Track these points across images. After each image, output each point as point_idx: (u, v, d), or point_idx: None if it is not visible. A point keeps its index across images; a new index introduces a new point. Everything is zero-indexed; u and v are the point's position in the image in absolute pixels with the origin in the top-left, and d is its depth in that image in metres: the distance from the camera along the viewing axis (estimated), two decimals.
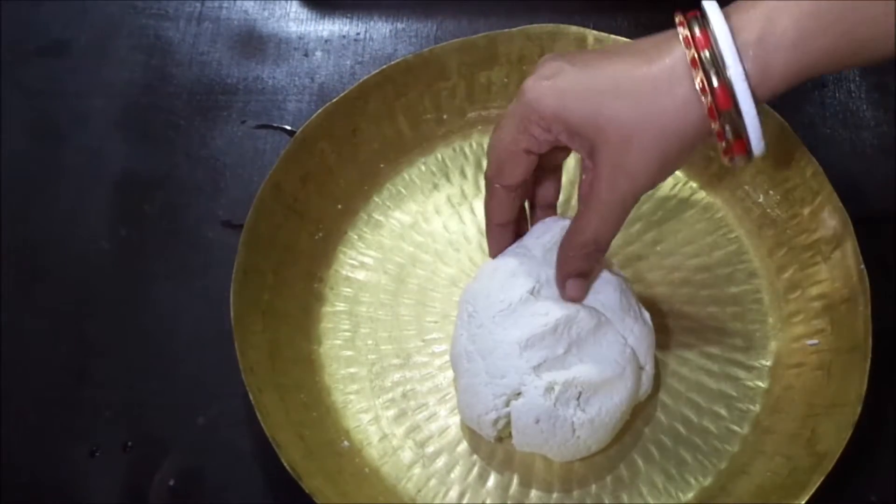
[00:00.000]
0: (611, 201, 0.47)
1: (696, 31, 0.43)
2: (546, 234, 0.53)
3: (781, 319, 0.57)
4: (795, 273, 0.58)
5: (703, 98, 0.42)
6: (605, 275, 0.53)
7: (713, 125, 0.43)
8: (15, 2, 0.71)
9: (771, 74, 0.42)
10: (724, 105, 0.42)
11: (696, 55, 0.42)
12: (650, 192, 0.61)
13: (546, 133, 0.47)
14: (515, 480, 0.53)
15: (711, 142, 0.45)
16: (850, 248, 0.55)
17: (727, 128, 0.43)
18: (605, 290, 0.53)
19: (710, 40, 0.42)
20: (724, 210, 0.61)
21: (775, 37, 0.42)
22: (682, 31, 0.43)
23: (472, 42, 0.62)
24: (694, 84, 0.43)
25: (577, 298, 0.51)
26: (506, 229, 0.53)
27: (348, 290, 0.59)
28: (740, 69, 0.42)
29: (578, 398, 0.50)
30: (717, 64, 0.42)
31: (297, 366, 0.56)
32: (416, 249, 0.61)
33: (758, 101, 0.43)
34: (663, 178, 0.46)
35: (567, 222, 0.52)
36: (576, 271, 0.51)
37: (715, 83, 0.42)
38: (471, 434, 0.54)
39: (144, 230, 0.63)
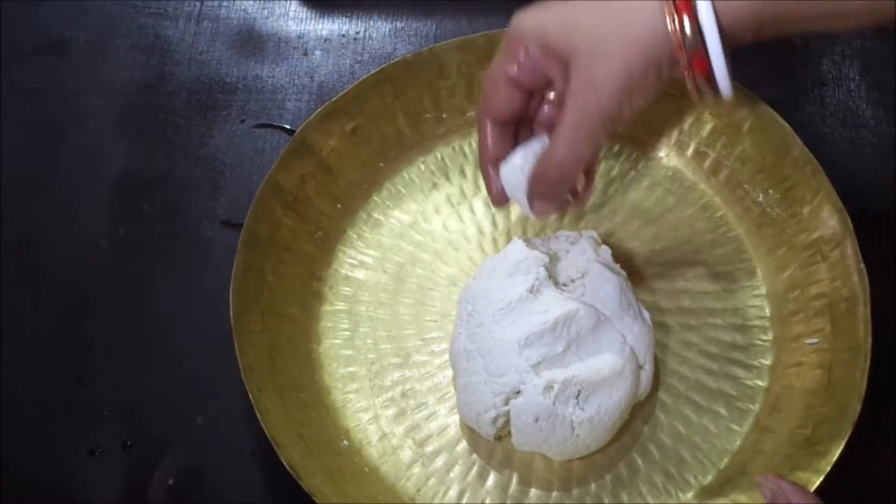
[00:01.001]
0: (576, 120, 0.46)
1: None
2: (514, 156, 0.51)
3: (781, 318, 0.57)
4: (795, 272, 0.57)
5: (665, 6, 0.44)
6: (604, 273, 0.53)
7: (670, 25, 0.44)
8: (14, 1, 0.71)
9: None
10: (682, 8, 0.43)
11: None
12: (645, 184, 0.61)
13: (527, 58, 0.48)
14: (515, 479, 0.53)
15: (677, 71, 0.45)
16: (850, 246, 0.55)
17: (686, 35, 0.43)
18: (604, 288, 0.53)
19: None
20: (724, 209, 0.61)
21: None
22: None
23: (472, 41, 0.62)
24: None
25: (542, 214, 0.51)
26: (494, 163, 0.52)
27: (348, 289, 0.59)
28: None
29: (577, 397, 0.50)
30: None
31: (297, 365, 0.56)
32: (416, 248, 0.61)
33: (719, 18, 0.43)
34: (628, 98, 0.46)
35: (535, 141, 0.51)
36: (545, 197, 0.50)
37: None
38: (470, 433, 0.54)
39: (144, 229, 0.63)
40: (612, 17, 0.45)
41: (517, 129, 0.52)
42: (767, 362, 0.56)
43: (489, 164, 0.52)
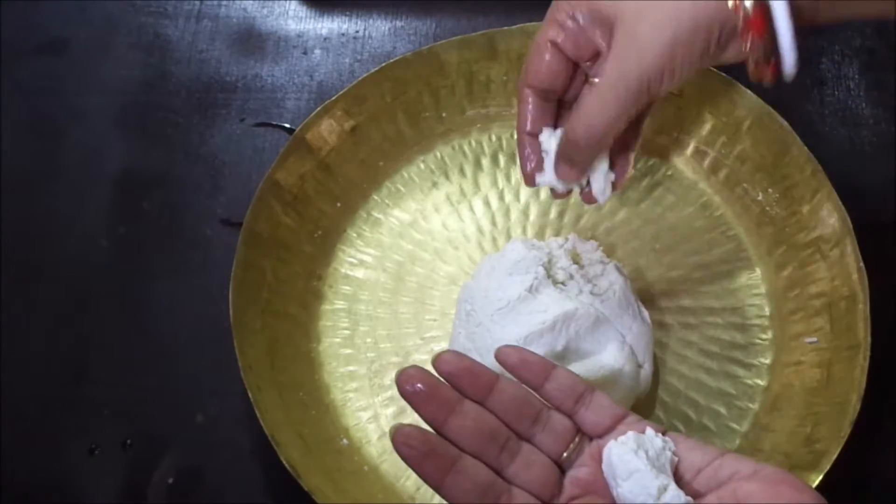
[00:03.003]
0: (613, 80, 0.45)
1: None
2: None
3: (780, 317, 0.57)
4: (794, 271, 0.57)
5: None
6: (603, 272, 0.53)
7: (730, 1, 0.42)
8: (14, 1, 0.71)
9: None
10: None
11: None
12: (644, 183, 0.61)
13: (572, 22, 0.47)
14: None
15: (724, 41, 0.43)
16: (850, 245, 0.55)
17: (746, 4, 0.41)
18: (603, 287, 0.53)
19: None
20: (723, 208, 0.61)
21: None
22: None
23: (471, 40, 0.62)
24: None
25: (566, 178, 0.50)
26: (536, 141, 0.51)
27: (347, 288, 0.59)
28: None
29: None
30: None
31: (296, 364, 0.56)
32: (415, 247, 0.61)
33: None
34: (671, 63, 0.43)
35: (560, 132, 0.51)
36: (569, 160, 0.49)
37: None
38: None
39: (143, 228, 0.63)
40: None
41: (559, 111, 0.51)
42: (767, 361, 0.56)
43: (526, 137, 0.50)
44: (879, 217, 0.60)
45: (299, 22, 0.70)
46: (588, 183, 0.51)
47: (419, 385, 0.40)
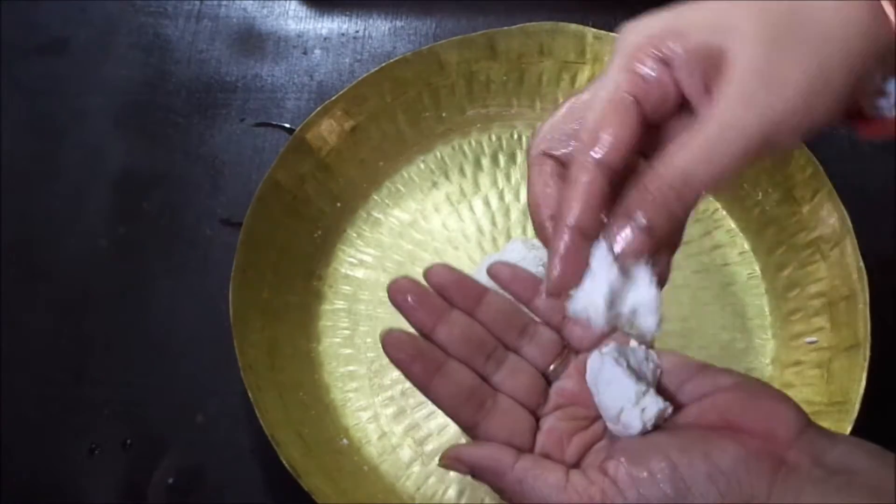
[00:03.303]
0: (728, 121, 0.34)
1: None
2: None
3: (781, 317, 0.57)
4: (795, 271, 0.57)
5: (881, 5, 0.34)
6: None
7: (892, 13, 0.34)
8: (14, 1, 0.71)
9: None
10: None
11: None
12: None
13: (657, 63, 0.36)
14: None
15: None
16: (850, 245, 0.55)
17: None
18: None
19: None
20: (723, 208, 0.61)
21: None
22: None
23: (471, 40, 0.62)
24: None
25: (636, 250, 0.36)
26: (585, 242, 0.37)
27: (347, 287, 0.59)
28: None
29: None
30: None
31: (296, 364, 0.56)
32: (415, 247, 0.61)
33: None
34: (811, 109, 0.34)
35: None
36: (642, 221, 0.35)
37: None
38: None
39: (143, 228, 0.63)
40: (793, 16, 0.35)
41: None
42: (767, 361, 0.56)
43: (572, 232, 0.36)
44: (879, 217, 0.60)
45: (299, 22, 0.70)
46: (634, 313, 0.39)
47: (409, 294, 0.40)
